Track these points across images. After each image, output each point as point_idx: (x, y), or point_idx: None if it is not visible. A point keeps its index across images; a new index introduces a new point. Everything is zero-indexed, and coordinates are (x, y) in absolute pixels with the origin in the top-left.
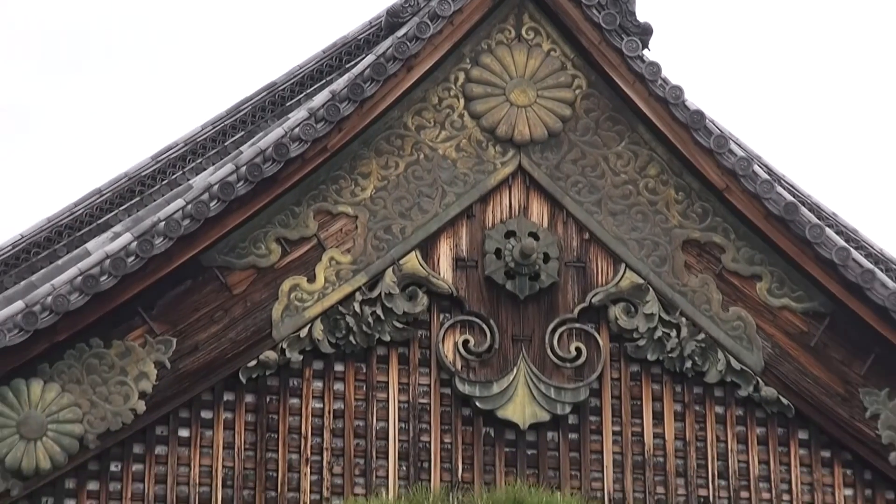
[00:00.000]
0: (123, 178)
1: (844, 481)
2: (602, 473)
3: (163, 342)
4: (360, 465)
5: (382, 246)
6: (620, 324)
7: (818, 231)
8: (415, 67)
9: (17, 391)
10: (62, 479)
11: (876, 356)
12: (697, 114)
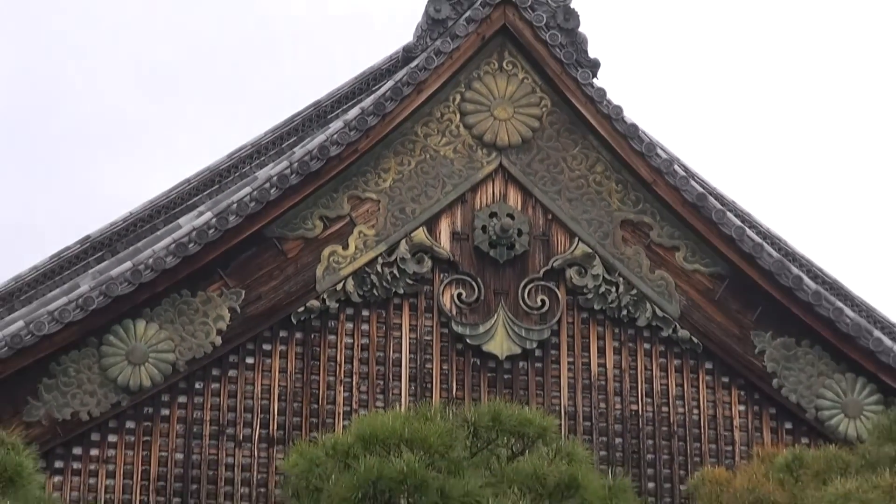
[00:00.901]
0: (206, 171)
1: (739, 400)
2: (559, 393)
3: (234, 293)
4: (380, 386)
5: (398, 223)
6: (574, 282)
7: (721, 214)
8: (423, 90)
9: (126, 329)
10: (158, 395)
11: (763, 308)
12: (632, 126)
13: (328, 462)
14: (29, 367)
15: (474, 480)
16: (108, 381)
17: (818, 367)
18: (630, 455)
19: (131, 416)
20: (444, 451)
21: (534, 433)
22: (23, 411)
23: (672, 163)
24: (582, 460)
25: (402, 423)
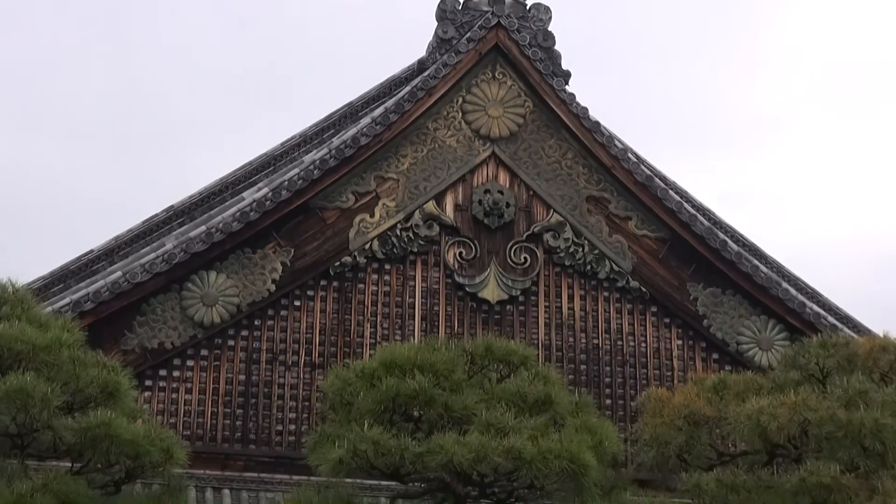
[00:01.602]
0: (264, 156)
1: (677, 336)
2: (537, 330)
3: (285, 251)
4: (398, 324)
5: (413, 197)
6: (550, 244)
7: (664, 192)
8: (433, 94)
9: (201, 278)
10: (226, 329)
11: (696, 264)
12: (596, 123)
13: (357, 382)
14: (125, 307)
15: (471, 397)
16: (186, 318)
17: (739, 311)
18: (592, 378)
19: (205, 346)
20: (448, 374)
21: (517, 361)
22: (120, 342)
23: (626, 151)
24: (555, 382)
25: (415, 352)
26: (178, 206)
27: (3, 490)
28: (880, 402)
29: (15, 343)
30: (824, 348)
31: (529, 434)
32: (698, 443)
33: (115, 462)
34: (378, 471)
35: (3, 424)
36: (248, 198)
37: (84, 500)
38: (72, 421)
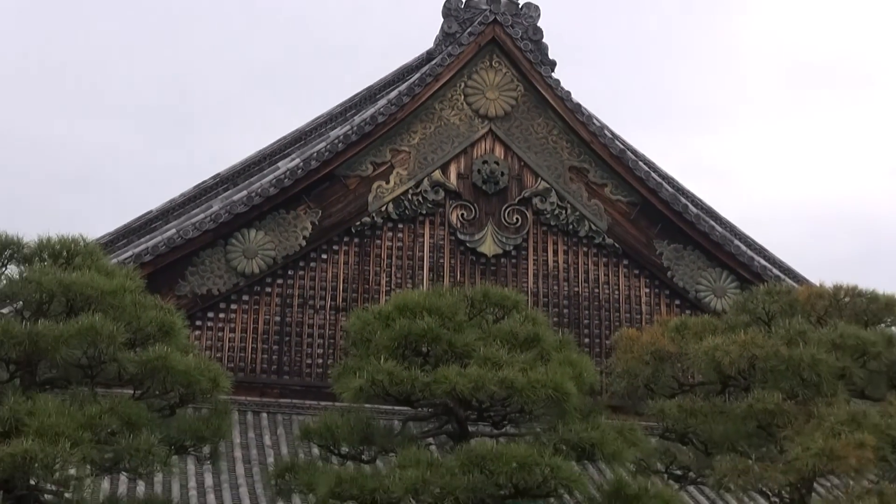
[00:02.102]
0: (296, 132)
1: (645, 285)
2: (527, 279)
3: (314, 212)
4: (409, 274)
5: (422, 167)
6: (538, 207)
7: (635, 162)
8: (440, 80)
9: (243, 234)
10: (264, 278)
11: (662, 224)
12: (577, 105)
13: (375, 323)
14: (179, 259)
15: (471, 336)
16: (230, 269)
17: (697, 264)
18: (573, 320)
19: (246, 292)
20: (451, 316)
21: (510, 305)
22: (175, 288)
23: (603, 129)
24: (542, 323)
25: (423, 298)
26: (223, 173)
27: (76, 413)
28: (816, 341)
29: (85, 289)
30: (769, 295)
31: (520, 367)
32: (662, 375)
33: (171, 389)
34: (392, 398)
35: (76, 357)
36: (282, 167)
37: (144, 421)
38: (134, 355)
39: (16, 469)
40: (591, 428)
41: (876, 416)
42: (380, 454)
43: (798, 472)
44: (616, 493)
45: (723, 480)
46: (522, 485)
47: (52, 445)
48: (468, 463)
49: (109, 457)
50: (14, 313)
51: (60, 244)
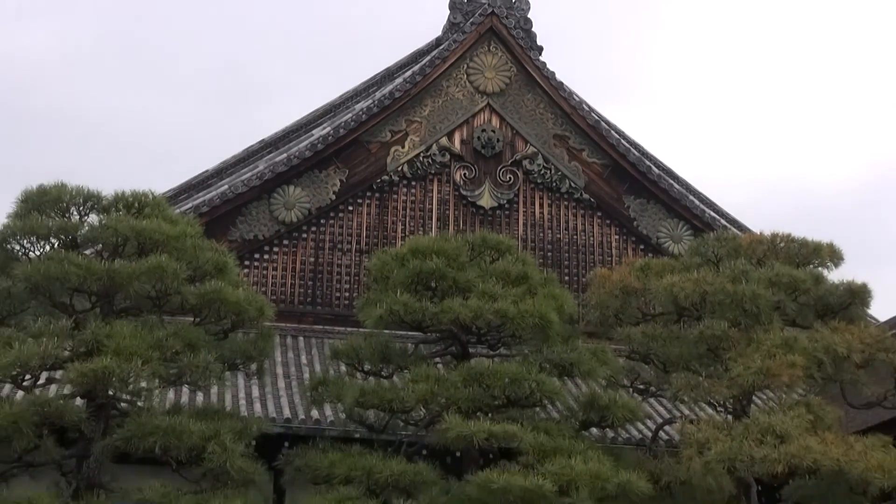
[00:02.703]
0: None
1: (615, 233)
2: (518, 228)
3: (342, 171)
4: (420, 223)
5: (432, 134)
6: (527, 167)
7: (608, 131)
8: (447, 61)
9: (283, 190)
10: (300, 225)
11: (629, 183)
12: (560, 83)
13: (392, 263)
14: (230, 210)
15: (471, 274)
16: (273, 218)
17: (659, 215)
18: (555, 262)
19: (286, 237)
20: (455, 258)
21: (504, 249)
22: (227, 234)
23: (582, 103)
24: (530, 264)
25: (432, 242)
26: (267, 139)
27: (147, 336)
28: (756, 279)
29: (154, 234)
30: (718, 241)
31: (512, 299)
32: (629, 307)
33: (224, 317)
34: (406, 324)
35: (146, 290)
36: (316, 134)
37: (202, 343)
38: (194, 288)
39: (97, 382)
40: (570, 350)
41: (805, 341)
42: (396, 371)
43: (740, 387)
44: (590, 404)
45: (678, 394)
46: (513, 396)
47: (127, 363)
48: (469, 378)
49: (174, 372)
50: (95, 254)
51: (133, 197)
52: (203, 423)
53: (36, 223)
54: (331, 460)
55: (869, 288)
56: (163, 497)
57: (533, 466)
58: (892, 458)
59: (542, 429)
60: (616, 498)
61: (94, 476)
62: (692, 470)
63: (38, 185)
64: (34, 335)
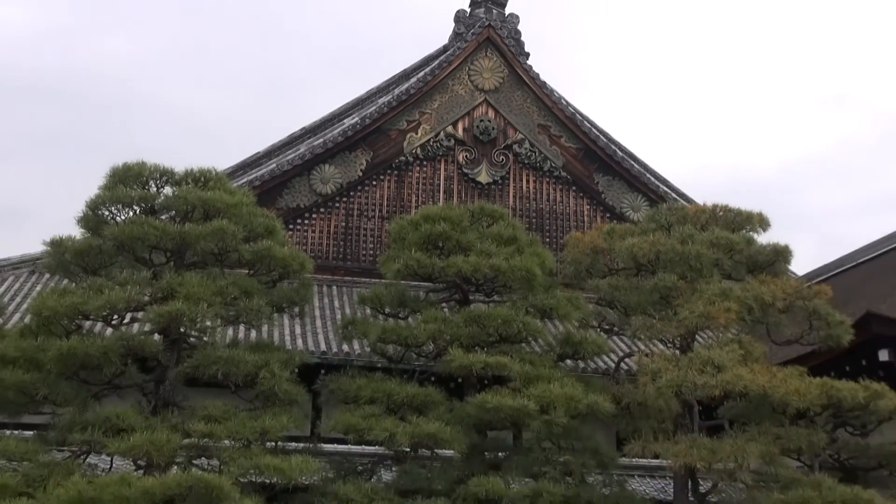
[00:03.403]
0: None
1: (587, 204)
2: (509, 199)
3: (367, 153)
4: (430, 194)
5: (440, 123)
6: (516, 150)
7: (581, 121)
8: (452, 64)
9: (320, 168)
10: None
11: (598, 163)
12: (543, 82)
13: (407, 227)
14: (277, 184)
15: (471, 236)
16: (312, 191)
17: (622, 190)
18: (539, 226)
19: (322, 206)
20: (458, 223)
21: (497, 216)
22: (275, 203)
23: (561, 99)
24: (518, 228)
25: (440, 210)
26: (307, 127)
27: (211, 284)
28: (700, 241)
29: (216, 203)
30: (669, 211)
31: (504, 257)
32: (597, 263)
33: (273, 270)
34: (419, 276)
35: (210, 248)
36: (347, 123)
37: (255, 290)
38: (248, 247)
39: (171, 321)
40: (550, 297)
41: (738, 291)
42: (411, 314)
43: (686, 327)
44: (566, 340)
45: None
46: (504, 334)
47: (195, 306)
48: (468, 320)
49: (232, 314)
50: (169, 219)
51: (199, 173)
52: (256, 354)
53: (121, 194)
54: (358, 384)
55: (790, 249)
56: (224, 413)
57: (519, 390)
58: (806, 385)
59: (527, 360)
60: (585, 416)
61: (169, 396)
62: (647, 394)
63: (123, 163)
64: (120, 284)
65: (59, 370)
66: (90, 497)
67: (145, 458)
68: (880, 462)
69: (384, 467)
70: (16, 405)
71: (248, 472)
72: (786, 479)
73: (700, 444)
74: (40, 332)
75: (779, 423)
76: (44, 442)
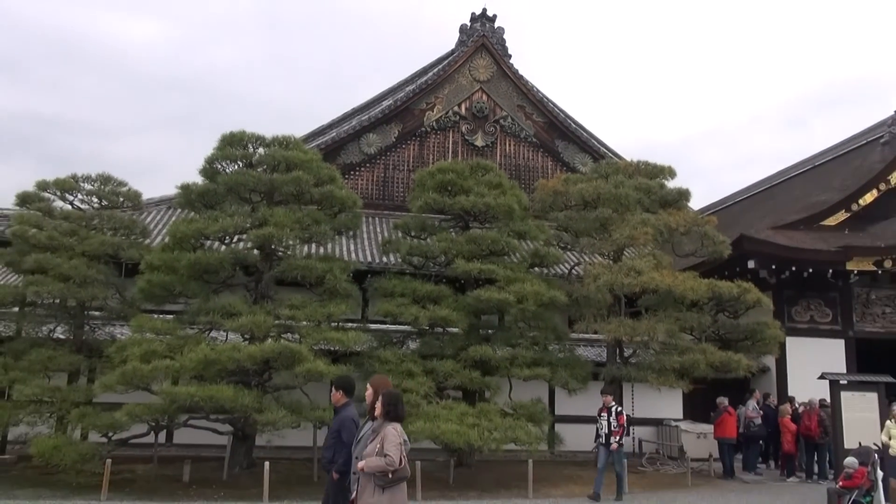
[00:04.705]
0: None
1: (551, 161)
2: (497, 158)
3: (399, 125)
4: (442, 154)
5: (449, 104)
6: (502, 124)
7: (548, 102)
8: (457, 63)
9: (366, 136)
10: (376, 155)
11: (558, 132)
12: (521, 76)
13: (426, 176)
14: (336, 147)
15: (471, 182)
16: (360, 151)
17: (575, 151)
18: (517, 176)
19: (367, 162)
20: (462, 173)
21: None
22: (335, 161)
23: (533, 87)
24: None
25: (449, 165)
26: (356, 107)
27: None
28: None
29: (295, 159)
30: (607, 165)
31: (493, 196)
32: (557, 201)
33: (334, 206)
34: (435, 211)
35: (291, 190)
36: (383, 104)
37: (322, 219)
38: (317, 189)
39: (265, 241)
40: (524, 224)
41: (653, 220)
42: (429, 236)
43: (617, 245)
44: (535, 254)
45: (583, 249)
46: (493, 249)
47: (281, 230)
48: (468, 240)
49: (307, 236)
50: (262, 170)
51: (282, 139)
52: (323, 263)
53: (229, 152)
54: (393, 283)
55: (689, 191)
56: (302, 303)
57: (503, 288)
58: (698, 284)
59: (508, 267)
60: (548, 305)
61: (265, 292)
62: (590, 290)
63: (230, 132)
64: (230, 215)
65: (189, 274)
66: (213, 359)
67: (249, 333)
68: (746, 335)
69: (411, 339)
70: (160, 297)
71: (319, 342)
72: (682, 347)
73: (625, 324)
74: (175, 248)
75: (678, 310)
76: (180, 322)
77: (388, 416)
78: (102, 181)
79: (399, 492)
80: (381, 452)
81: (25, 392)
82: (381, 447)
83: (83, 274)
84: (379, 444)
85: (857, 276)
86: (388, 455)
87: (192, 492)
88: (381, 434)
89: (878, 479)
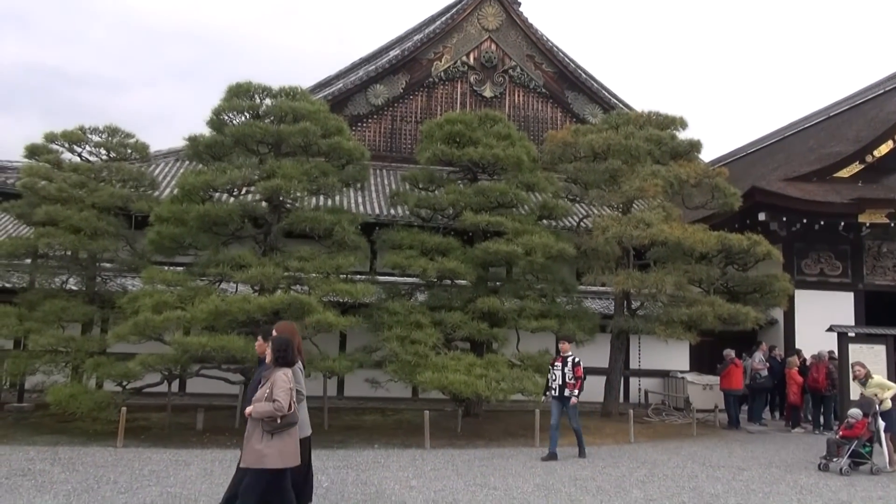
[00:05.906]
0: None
1: (561, 112)
2: (506, 108)
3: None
4: (450, 104)
5: (458, 54)
6: (511, 74)
7: (557, 52)
8: (465, 11)
9: (373, 87)
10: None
11: (568, 82)
12: (531, 24)
13: (435, 127)
14: (343, 98)
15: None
16: (367, 103)
17: (585, 102)
18: (526, 127)
19: (375, 114)
20: (470, 124)
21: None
22: (342, 112)
23: (543, 35)
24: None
25: (457, 116)
26: (364, 56)
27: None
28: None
29: (302, 110)
30: (618, 116)
31: (502, 148)
32: (566, 153)
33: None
34: (443, 162)
35: (298, 142)
36: (391, 54)
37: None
38: (324, 141)
39: (273, 193)
40: (533, 176)
41: (664, 171)
42: (437, 188)
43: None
44: (543, 206)
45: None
46: (501, 201)
47: (289, 182)
48: (477, 192)
49: (315, 188)
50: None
51: (289, 89)
52: (331, 215)
53: (236, 104)
54: (401, 236)
55: (701, 142)
56: (310, 255)
57: (511, 240)
58: (707, 236)
59: (516, 220)
60: (556, 257)
61: (273, 243)
62: (598, 242)
63: (237, 83)
64: (237, 167)
65: (198, 226)
66: (223, 310)
67: (259, 284)
68: (755, 288)
69: (419, 291)
70: (170, 249)
71: (328, 294)
72: (690, 299)
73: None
74: (184, 200)
75: (687, 263)
76: (190, 274)
77: (278, 362)
78: (110, 133)
79: (288, 437)
80: (269, 398)
81: (41, 342)
82: (270, 392)
83: (93, 226)
84: (268, 389)
85: (869, 229)
86: (276, 400)
87: (205, 439)
88: (271, 380)
89: (879, 429)
